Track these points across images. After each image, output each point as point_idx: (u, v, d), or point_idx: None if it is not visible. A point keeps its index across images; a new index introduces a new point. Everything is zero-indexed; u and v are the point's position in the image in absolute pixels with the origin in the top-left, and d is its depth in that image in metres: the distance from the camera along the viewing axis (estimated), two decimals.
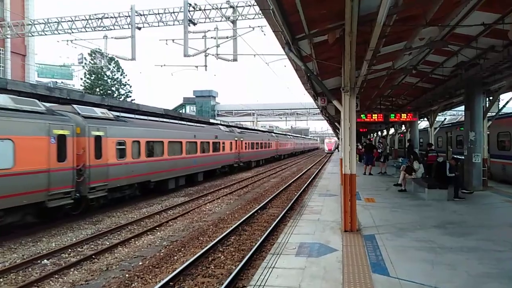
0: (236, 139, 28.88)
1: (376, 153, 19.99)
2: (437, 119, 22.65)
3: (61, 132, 11.11)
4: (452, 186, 11.03)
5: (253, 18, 18.77)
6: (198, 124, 24.42)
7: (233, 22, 18.41)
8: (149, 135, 16.01)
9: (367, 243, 6.56)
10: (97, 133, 12.73)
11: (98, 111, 13.70)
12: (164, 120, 20.39)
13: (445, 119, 28.67)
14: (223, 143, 25.69)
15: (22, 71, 29.83)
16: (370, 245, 6.44)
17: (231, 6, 18.44)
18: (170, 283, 6.60)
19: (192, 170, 20.28)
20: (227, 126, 31.85)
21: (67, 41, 21.97)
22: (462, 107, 16.59)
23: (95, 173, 12.39)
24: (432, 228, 7.67)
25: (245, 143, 31.32)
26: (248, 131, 37.72)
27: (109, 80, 50.99)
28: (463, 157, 13.27)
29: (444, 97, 16.34)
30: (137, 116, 17.95)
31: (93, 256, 8.41)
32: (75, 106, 12.98)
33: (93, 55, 38.52)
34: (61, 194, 11.01)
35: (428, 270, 5.26)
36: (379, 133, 40.08)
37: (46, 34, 22.98)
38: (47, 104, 12.18)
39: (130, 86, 53.26)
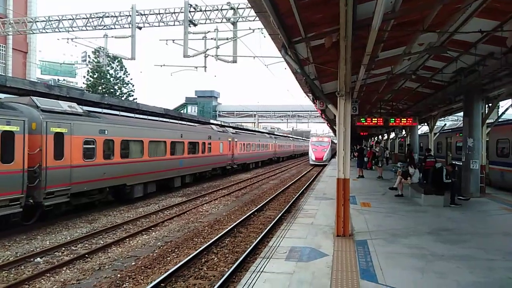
0: (274, 142, 44.55)
1: (369, 153, 21.66)
2: (437, 124, 22.62)
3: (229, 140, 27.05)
4: (449, 192, 10.98)
5: (253, 20, 18.72)
6: (259, 132, 43.96)
7: (233, 24, 18.37)
8: (246, 140, 31.67)
9: (359, 249, 6.53)
10: (231, 139, 27.25)
11: (215, 127, 26.17)
12: (252, 131, 41.25)
13: (445, 124, 28.57)
14: (267, 144, 40.73)
15: (23, 68, 29.86)
16: (361, 251, 6.41)
17: (231, 8, 18.40)
18: (162, 284, 6.57)
19: (260, 159, 37.36)
20: (268, 133, 49.77)
21: (67, 39, 21.97)
22: (462, 113, 16.50)
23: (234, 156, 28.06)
24: (425, 234, 7.63)
25: (279, 145, 47.57)
26: (280, 136, 55.40)
27: (111, 79, 51.05)
28: (461, 163, 13.21)
29: (443, 102, 16.29)
30: (230, 129, 31.14)
31: (86, 255, 8.39)
32: (227, 128, 29.57)
33: (97, 53, 38.59)
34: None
35: (417, 278, 5.22)
36: (380, 137, 40.03)
37: (47, 32, 22.93)
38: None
39: (133, 85, 53.29)
